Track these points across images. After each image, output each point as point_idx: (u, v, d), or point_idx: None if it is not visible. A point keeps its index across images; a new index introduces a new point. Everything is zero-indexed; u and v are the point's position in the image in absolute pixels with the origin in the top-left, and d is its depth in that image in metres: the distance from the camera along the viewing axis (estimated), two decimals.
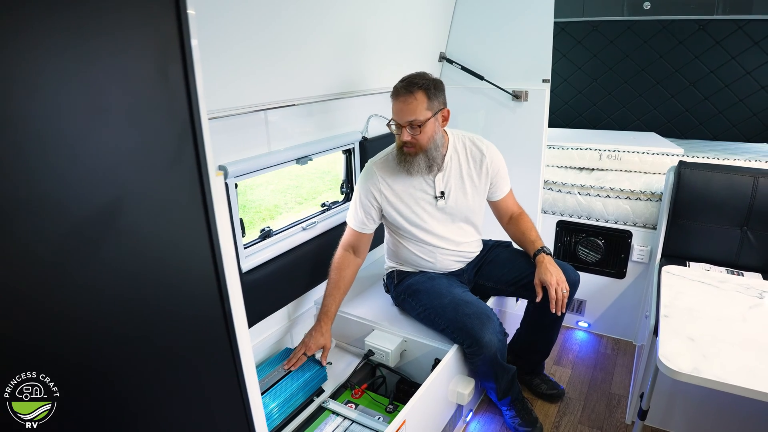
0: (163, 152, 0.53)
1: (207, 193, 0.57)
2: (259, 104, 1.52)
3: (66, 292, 0.48)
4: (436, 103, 1.59)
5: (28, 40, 0.42)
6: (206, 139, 0.56)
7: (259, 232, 1.75)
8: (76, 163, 0.45)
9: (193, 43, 0.53)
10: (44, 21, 0.42)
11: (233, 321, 0.66)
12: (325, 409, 1.63)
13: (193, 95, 0.54)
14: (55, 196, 0.45)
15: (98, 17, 0.46)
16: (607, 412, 1.95)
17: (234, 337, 0.67)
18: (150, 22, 0.50)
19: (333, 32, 1.64)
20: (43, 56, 0.43)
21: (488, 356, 1.59)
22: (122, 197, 0.49)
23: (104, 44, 0.46)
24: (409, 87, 1.54)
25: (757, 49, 2.73)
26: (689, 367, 1.07)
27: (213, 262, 0.60)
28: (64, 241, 0.47)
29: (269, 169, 1.66)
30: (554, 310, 1.65)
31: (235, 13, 1.25)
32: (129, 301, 0.54)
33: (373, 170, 1.71)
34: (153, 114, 0.51)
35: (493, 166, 1.75)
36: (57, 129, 0.44)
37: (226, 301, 0.63)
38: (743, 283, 1.45)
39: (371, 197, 1.70)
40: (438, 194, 1.71)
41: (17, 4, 0.41)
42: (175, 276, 0.58)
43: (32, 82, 0.42)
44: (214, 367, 0.67)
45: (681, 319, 1.26)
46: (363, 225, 1.74)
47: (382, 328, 1.85)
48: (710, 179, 1.96)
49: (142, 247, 0.52)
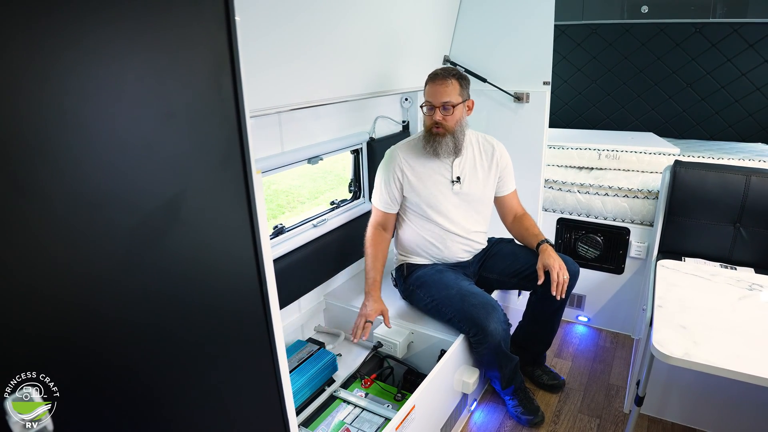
0: (216, 152, 0.61)
1: (250, 188, 0.65)
2: (274, 107, 1.60)
3: (126, 281, 0.54)
4: (466, 92, 1.78)
5: (112, 55, 0.50)
6: (250, 140, 0.64)
7: (272, 228, 1.83)
8: (151, 161, 0.53)
9: (241, 57, 0.61)
10: (127, 39, 0.50)
11: (270, 304, 0.74)
12: (337, 398, 1.70)
13: (240, 101, 0.62)
14: (125, 193, 0.52)
15: (168, 35, 0.54)
16: (606, 401, 2.03)
17: (270, 319, 0.75)
18: (207, 40, 0.58)
19: (342, 37, 1.72)
20: (124, 69, 0.51)
21: (493, 344, 1.66)
22: (184, 191, 0.57)
23: (173, 59, 0.54)
24: (446, 72, 1.75)
25: (752, 51, 2.80)
26: (681, 352, 1.14)
27: (254, 249, 0.68)
28: (134, 232, 0.54)
29: (282, 169, 1.74)
30: (554, 293, 1.74)
31: (250, 19, 1.32)
32: (181, 288, 0.60)
33: (396, 152, 1.85)
34: (209, 118, 0.59)
35: (503, 160, 1.90)
36: (135, 132, 0.52)
37: (264, 285, 0.71)
38: (734, 276, 1.53)
39: (395, 177, 1.84)
40: (455, 179, 1.81)
41: (107, 24, 0.49)
42: (222, 263, 0.66)
43: (116, 92, 0.50)
44: (251, 348, 0.75)
45: (674, 309, 1.34)
46: (388, 205, 1.88)
47: (389, 321, 1.92)
48: (704, 178, 2.04)
49: (198, 236, 0.60)
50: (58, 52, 0.44)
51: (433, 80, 1.75)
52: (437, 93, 1.73)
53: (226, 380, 0.72)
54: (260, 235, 0.68)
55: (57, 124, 0.45)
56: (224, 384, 0.72)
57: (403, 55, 2.12)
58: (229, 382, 0.73)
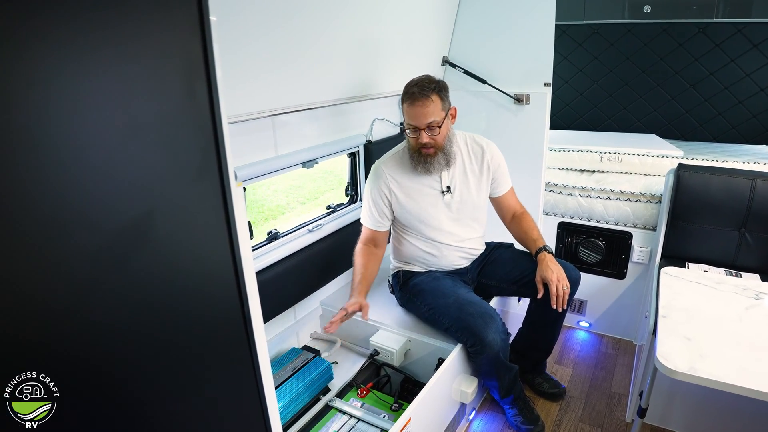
0: (190, 164, 0.56)
1: (229, 201, 0.60)
2: (267, 110, 1.56)
3: (91, 300, 0.50)
4: (447, 102, 1.66)
5: (69, 63, 0.45)
6: (228, 151, 0.59)
7: (266, 234, 1.79)
8: (111, 178, 0.49)
9: (216, 62, 0.57)
10: (82, 43, 0.46)
11: (252, 322, 0.69)
12: (332, 408, 1.66)
13: (217, 109, 0.58)
14: (88, 213, 0.48)
15: (133, 39, 0.50)
16: (607, 410, 1.98)
17: (252, 338, 0.70)
18: (177, 42, 0.53)
19: (338, 38, 1.68)
20: (81, 78, 0.46)
21: (491, 355, 1.62)
22: (152, 211, 0.53)
23: (138, 64, 0.50)
24: (424, 91, 1.60)
25: (756, 51, 2.76)
26: (686, 366, 1.10)
27: (234, 267, 0.64)
28: (95, 255, 0.50)
29: (277, 173, 1.70)
30: (555, 307, 1.69)
31: (242, 21, 1.28)
32: (153, 306, 0.57)
33: (381, 170, 1.77)
34: (181, 128, 0.55)
35: (494, 161, 1.81)
36: (96, 146, 0.47)
37: (246, 304, 0.67)
38: (740, 285, 1.48)
39: (382, 195, 1.76)
40: (444, 189, 1.76)
41: (60, 30, 0.44)
42: (199, 281, 0.62)
43: (72, 103, 0.46)
44: (233, 368, 0.70)
45: (678, 319, 1.30)
46: (378, 223, 1.81)
47: (386, 328, 1.88)
48: (709, 181, 1.99)
49: (169, 256, 0.56)
50: (2, 61, 0.39)
51: (412, 102, 1.61)
52: (419, 115, 1.61)
53: (207, 403, 0.68)
54: (240, 252, 0.63)
55: (6, 140, 0.41)
56: (205, 407, 0.68)
57: (400, 56, 2.08)
58: (211, 406, 0.69)
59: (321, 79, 1.71)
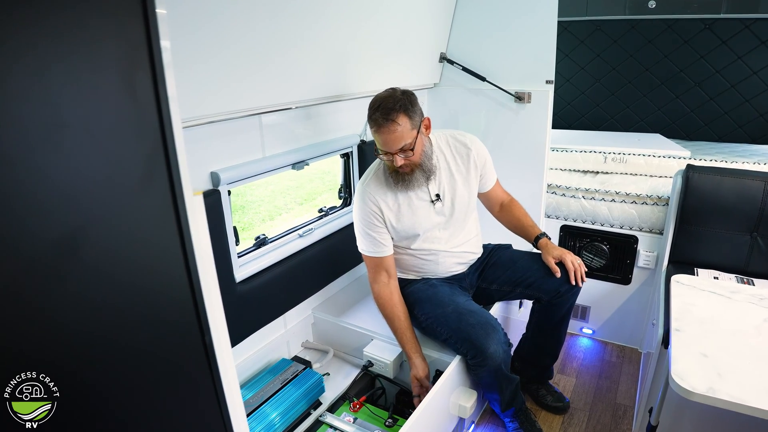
0: (132, 172, 0.47)
1: (182, 214, 0.51)
2: (254, 108, 1.47)
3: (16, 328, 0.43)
4: (417, 117, 1.52)
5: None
6: (181, 156, 0.50)
7: (254, 240, 1.70)
8: (34, 185, 0.40)
9: (163, 46, 0.47)
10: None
11: (214, 347, 0.60)
12: (323, 423, 1.58)
13: (164, 107, 0.48)
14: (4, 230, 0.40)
15: (53, 20, 0.40)
16: (612, 423, 1.89)
17: (215, 364, 0.61)
18: (113, 23, 0.44)
19: (330, 33, 1.59)
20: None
21: (493, 367, 1.53)
22: (84, 226, 0.43)
23: (60, 50, 0.41)
24: (389, 115, 1.46)
25: (764, 48, 2.67)
26: (704, 387, 1.01)
27: (190, 287, 0.55)
28: (19, 276, 0.41)
29: (264, 175, 1.61)
30: (574, 282, 1.68)
31: (227, 14, 1.19)
32: (94, 335, 0.49)
33: (366, 192, 1.65)
34: (119, 129, 0.46)
35: (480, 158, 1.73)
36: (5, 149, 0.38)
37: (206, 328, 0.58)
38: (756, 294, 1.39)
39: (375, 219, 1.65)
40: (434, 198, 1.67)
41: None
42: (148, 303, 0.53)
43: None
44: (193, 395, 0.62)
45: (693, 333, 1.21)
46: (380, 247, 1.68)
47: (381, 338, 1.80)
48: (719, 183, 1.90)
49: (104, 278, 0.47)
50: None
51: (378, 128, 1.47)
52: (389, 142, 1.48)
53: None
54: (198, 270, 0.54)
55: None
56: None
57: (396, 53, 1.99)
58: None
59: (312, 76, 1.62)
